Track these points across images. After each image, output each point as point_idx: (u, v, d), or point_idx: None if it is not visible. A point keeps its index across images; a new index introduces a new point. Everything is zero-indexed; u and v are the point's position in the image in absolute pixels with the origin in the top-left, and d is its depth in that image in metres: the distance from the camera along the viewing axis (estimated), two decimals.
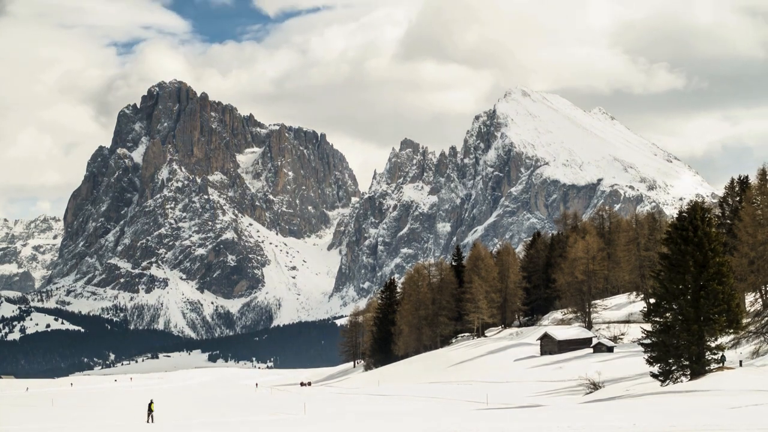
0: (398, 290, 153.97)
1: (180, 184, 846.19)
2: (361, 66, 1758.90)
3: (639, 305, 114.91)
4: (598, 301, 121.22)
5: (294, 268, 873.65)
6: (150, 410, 60.65)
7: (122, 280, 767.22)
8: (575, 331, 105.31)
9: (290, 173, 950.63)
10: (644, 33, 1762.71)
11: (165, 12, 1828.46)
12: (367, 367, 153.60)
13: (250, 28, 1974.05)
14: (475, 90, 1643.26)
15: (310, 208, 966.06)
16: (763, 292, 78.01)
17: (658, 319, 55.23)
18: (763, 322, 66.17)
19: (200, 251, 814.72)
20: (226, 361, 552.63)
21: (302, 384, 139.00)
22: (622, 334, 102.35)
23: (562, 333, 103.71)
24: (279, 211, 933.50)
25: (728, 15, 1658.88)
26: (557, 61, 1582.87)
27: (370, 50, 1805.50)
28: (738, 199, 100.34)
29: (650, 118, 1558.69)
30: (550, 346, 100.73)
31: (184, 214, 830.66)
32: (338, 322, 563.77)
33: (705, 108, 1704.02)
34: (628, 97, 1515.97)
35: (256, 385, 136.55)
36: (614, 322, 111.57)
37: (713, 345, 53.90)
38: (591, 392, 63.55)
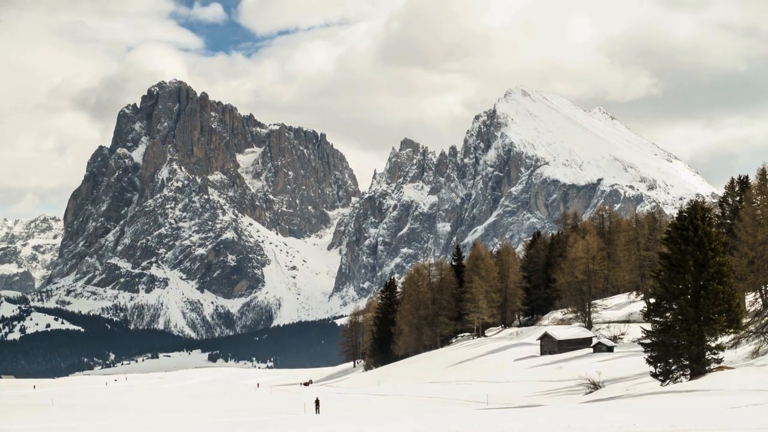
0: (398, 290, 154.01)
1: (180, 184, 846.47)
2: (345, 75, 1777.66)
3: (639, 305, 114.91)
4: (598, 301, 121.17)
5: (294, 267, 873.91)
6: (317, 404, 67.97)
7: (122, 279, 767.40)
8: (575, 331, 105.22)
9: (290, 173, 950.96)
10: (624, 45, 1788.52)
11: (180, 30, 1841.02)
12: (367, 367, 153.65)
13: (241, 45, 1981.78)
14: (457, 96, 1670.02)
15: (310, 208, 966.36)
16: (763, 291, 77.99)
17: (658, 318, 55.19)
18: (763, 321, 66.15)
19: (200, 251, 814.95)
20: (226, 361, 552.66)
21: (305, 384, 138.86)
22: (622, 334, 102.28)
23: (562, 333, 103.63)
24: (279, 210, 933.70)
25: (706, 30, 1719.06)
26: (537, 70, 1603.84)
27: (352, 60, 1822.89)
28: (738, 198, 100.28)
29: (631, 126, 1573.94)
30: (550, 345, 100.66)
31: (184, 214, 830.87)
32: (338, 321, 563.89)
33: (687, 116, 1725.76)
34: (608, 105, 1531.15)
35: (258, 385, 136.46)
36: (614, 322, 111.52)
37: (713, 345, 53.89)
38: (591, 392, 63.53)
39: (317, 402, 68.59)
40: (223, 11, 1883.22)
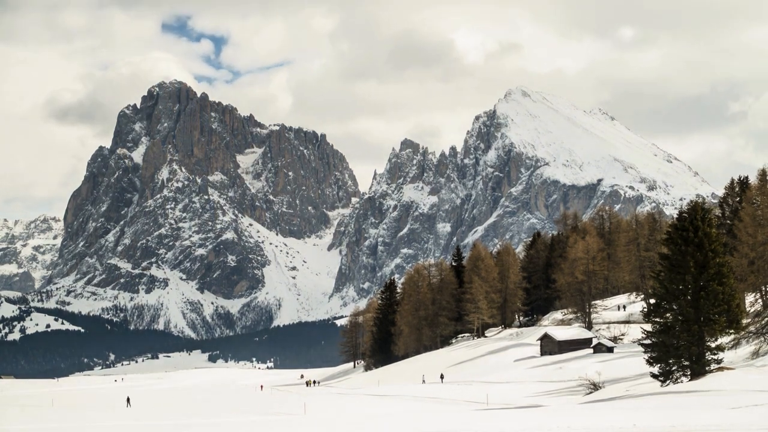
0: (398, 290, 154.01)
1: (180, 185, 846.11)
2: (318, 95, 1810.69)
3: (639, 305, 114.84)
4: (598, 302, 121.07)
5: (294, 268, 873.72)
6: (128, 401, 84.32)
7: (122, 280, 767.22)
8: (575, 332, 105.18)
9: (290, 173, 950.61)
10: (585, 75, 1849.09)
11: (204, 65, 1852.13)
12: (367, 368, 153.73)
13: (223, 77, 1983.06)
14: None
15: (310, 208, 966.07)
16: (763, 292, 78.02)
17: (658, 319, 55.20)
18: (763, 322, 66.15)
19: (200, 251, 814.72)
20: (226, 361, 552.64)
21: (310, 383, 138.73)
22: (623, 335, 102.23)
23: (562, 333, 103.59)
24: (279, 211, 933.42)
25: (664, 62, 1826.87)
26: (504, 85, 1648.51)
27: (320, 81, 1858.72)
28: (738, 199, 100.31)
29: None
30: (550, 346, 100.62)
31: (184, 215, 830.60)
32: (338, 322, 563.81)
33: (656, 136, 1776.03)
34: None
35: (261, 387, 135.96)
36: (614, 323, 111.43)
37: (713, 345, 53.91)
38: (591, 392, 63.52)
39: (128, 399, 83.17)
40: (213, 48, 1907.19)
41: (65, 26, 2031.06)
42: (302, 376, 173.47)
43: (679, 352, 53.73)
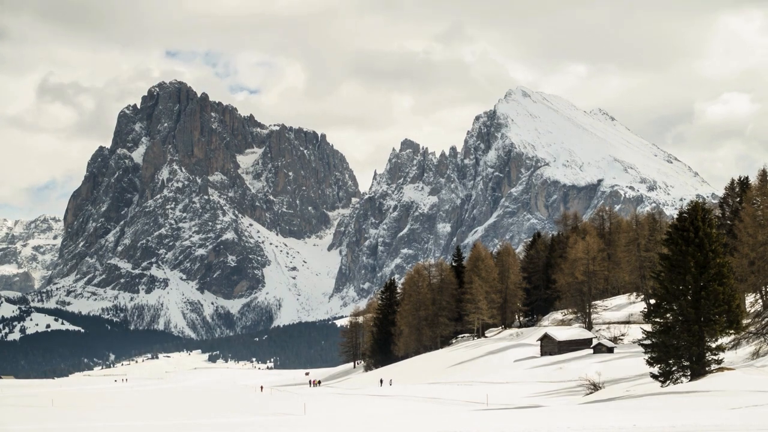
0: (398, 291, 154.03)
1: (180, 185, 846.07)
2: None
3: (639, 306, 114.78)
4: (598, 302, 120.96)
5: (294, 268, 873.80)
6: None
7: (122, 280, 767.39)
8: (575, 332, 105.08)
9: (290, 174, 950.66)
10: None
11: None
12: (368, 368, 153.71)
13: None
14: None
15: (310, 208, 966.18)
16: (764, 292, 78.00)
17: (658, 319, 55.17)
18: (763, 322, 66.14)
19: (200, 251, 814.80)
20: (226, 361, 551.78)
21: (312, 383, 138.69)
22: (623, 335, 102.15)
23: (562, 333, 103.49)
24: (279, 211, 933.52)
25: (623, 91, 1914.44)
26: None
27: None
28: (738, 199, 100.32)
29: None
30: (550, 346, 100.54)
31: (185, 215, 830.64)
32: (338, 322, 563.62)
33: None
34: None
35: (261, 387, 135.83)
36: (614, 323, 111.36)
37: (714, 346, 53.88)
38: (591, 393, 63.48)
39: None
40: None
41: (64, 59, 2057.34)
42: (308, 374, 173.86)
43: (680, 352, 53.71)
